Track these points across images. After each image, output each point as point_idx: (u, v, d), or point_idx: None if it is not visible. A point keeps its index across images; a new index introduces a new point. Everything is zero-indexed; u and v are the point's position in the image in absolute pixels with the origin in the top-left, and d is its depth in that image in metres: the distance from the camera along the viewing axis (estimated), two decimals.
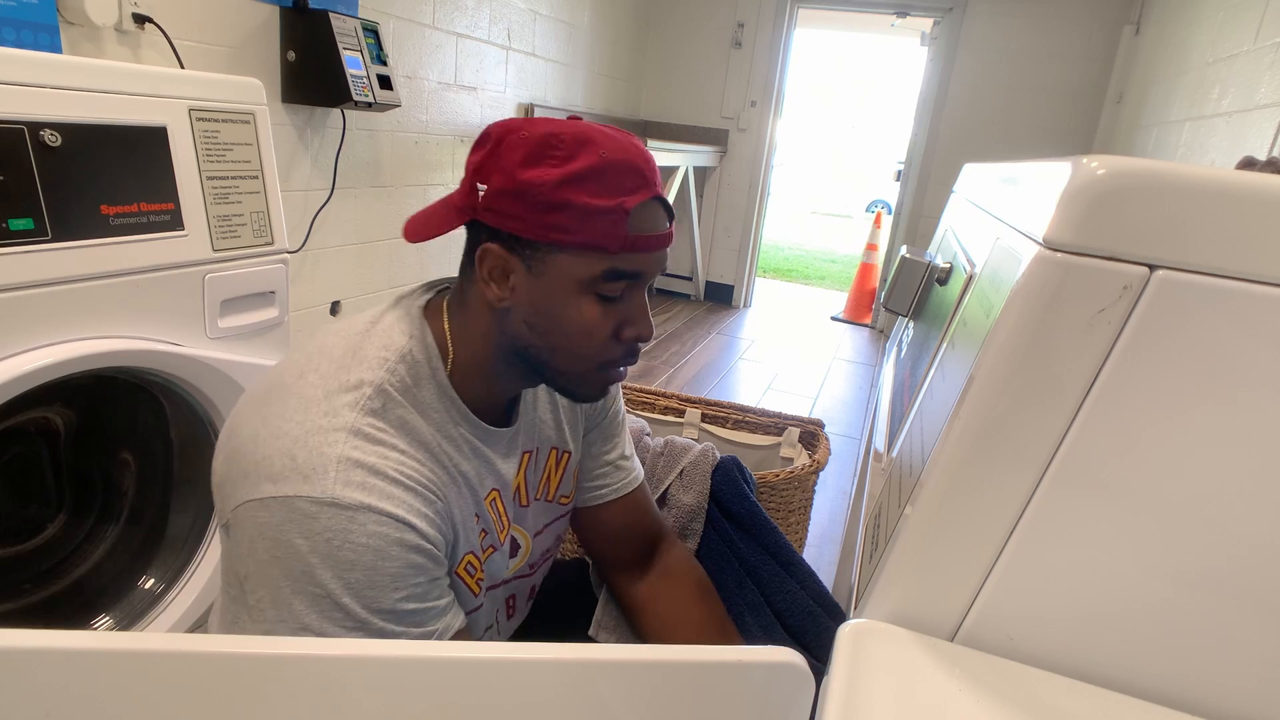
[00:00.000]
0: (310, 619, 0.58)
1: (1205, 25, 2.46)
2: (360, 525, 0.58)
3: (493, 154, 0.64)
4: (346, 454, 0.59)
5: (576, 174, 0.61)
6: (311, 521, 0.57)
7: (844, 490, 2.38)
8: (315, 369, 0.64)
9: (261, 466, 0.59)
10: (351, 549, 0.57)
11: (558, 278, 0.64)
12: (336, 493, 0.57)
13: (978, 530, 0.45)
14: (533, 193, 0.61)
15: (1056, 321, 0.41)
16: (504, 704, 0.44)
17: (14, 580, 1.14)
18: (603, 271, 0.64)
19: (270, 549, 0.58)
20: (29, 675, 0.39)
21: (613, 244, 0.63)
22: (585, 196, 0.61)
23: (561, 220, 0.62)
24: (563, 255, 0.64)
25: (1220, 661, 0.44)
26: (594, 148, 0.62)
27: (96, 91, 0.98)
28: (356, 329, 0.67)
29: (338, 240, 2.29)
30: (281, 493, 0.58)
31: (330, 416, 0.60)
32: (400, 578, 0.59)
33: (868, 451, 0.96)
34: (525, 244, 0.64)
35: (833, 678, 0.43)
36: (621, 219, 0.63)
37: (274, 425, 0.61)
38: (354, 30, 2.00)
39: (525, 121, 0.64)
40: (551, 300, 0.65)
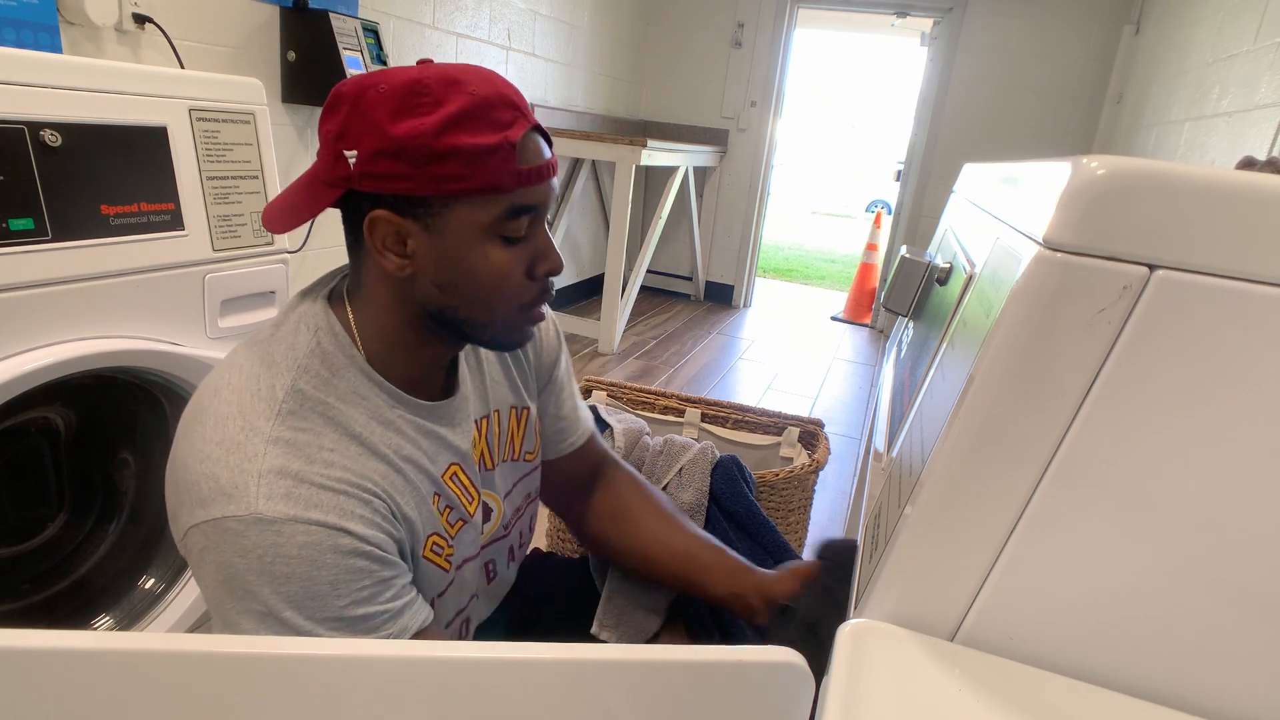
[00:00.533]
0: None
1: (1205, 25, 2.46)
2: (289, 538, 0.56)
3: (353, 115, 0.59)
4: (268, 466, 0.57)
5: (453, 116, 0.58)
6: (241, 539, 0.56)
7: (844, 490, 2.38)
8: (228, 384, 0.61)
9: (191, 492, 0.58)
10: (284, 562, 0.56)
11: (459, 229, 0.61)
12: (260, 508, 0.56)
13: (978, 530, 0.45)
14: (413, 147, 0.58)
15: (1056, 321, 0.41)
16: (504, 704, 0.44)
17: (14, 580, 1.14)
18: (503, 211, 0.61)
19: (213, 572, 0.58)
20: (29, 675, 0.39)
21: (508, 181, 0.60)
22: (469, 138, 0.58)
23: (451, 169, 0.59)
24: (460, 205, 0.61)
25: (1220, 661, 0.44)
26: (462, 86, 0.59)
27: (96, 91, 0.98)
28: (261, 337, 0.65)
29: (338, 240, 2.29)
30: (211, 515, 0.57)
31: (247, 431, 0.59)
32: (340, 584, 0.58)
33: (868, 451, 0.96)
34: (416, 202, 0.60)
35: (833, 678, 0.43)
36: (510, 154, 0.60)
37: (198, 449, 0.59)
38: (354, 30, 2.00)
39: (377, 75, 0.60)
40: (457, 254, 0.62)
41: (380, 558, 0.61)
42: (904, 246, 0.95)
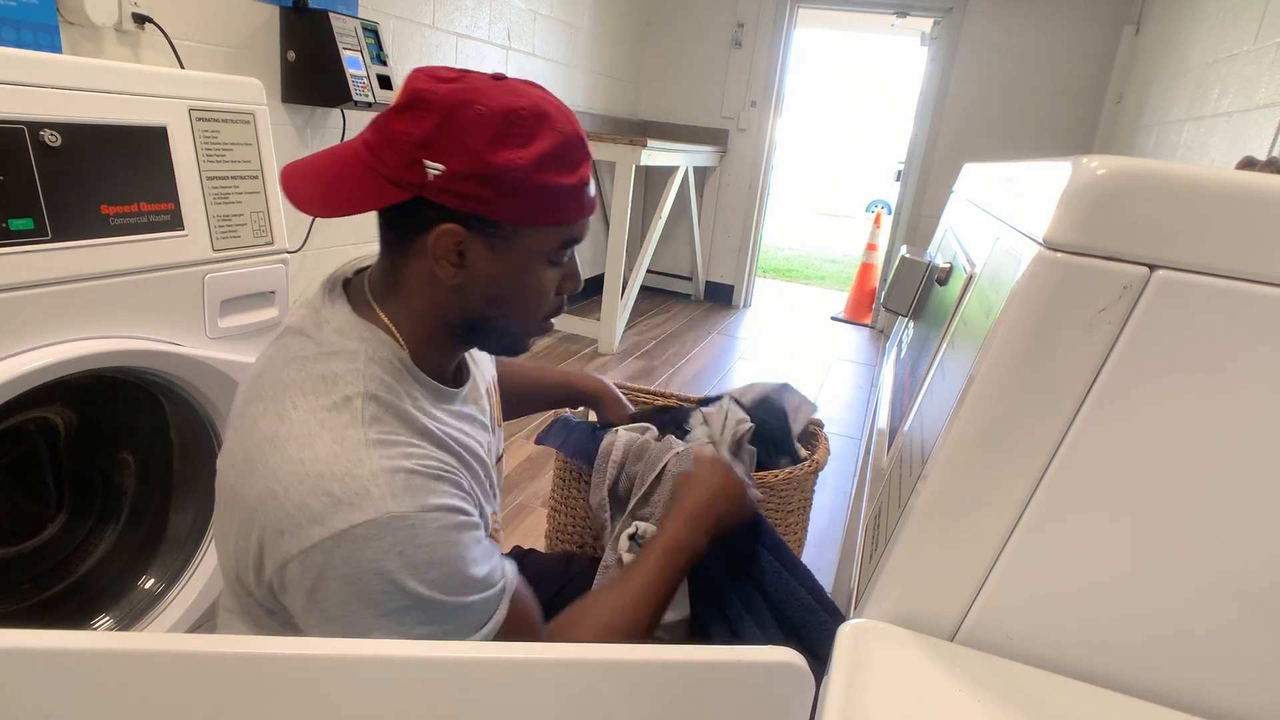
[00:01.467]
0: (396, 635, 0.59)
1: (1205, 25, 2.46)
2: (422, 526, 0.58)
3: (445, 130, 0.60)
4: (380, 467, 0.58)
5: (546, 156, 0.61)
6: (376, 543, 0.56)
7: (844, 490, 2.38)
8: (294, 406, 0.61)
9: (298, 515, 0.57)
10: (423, 550, 0.58)
11: (523, 252, 0.65)
12: (389, 507, 0.57)
13: (978, 530, 0.45)
14: (505, 177, 0.60)
15: (1056, 321, 0.41)
16: (504, 704, 0.44)
17: (14, 580, 1.14)
18: (563, 241, 0.67)
19: (342, 588, 0.57)
20: (29, 675, 0.39)
21: (576, 216, 0.66)
22: (557, 177, 0.62)
23: (536, 202, 0.62)
24: (529, 231, 0.64)
25: (1220, 661, 0.44)
26: (549, 124, 0.62)
27: (96, 91, 0.98)
28: (302, 356, 0.64)
29: (338, 240, 2.29)
30: (333, 530, 0.56)
31: (341, 442, 0.59)
32: (466, 554, 0.61)
33: (868, 451, 0.96)
34: (488, 223, 0.62)
35: (833, 678, 0.42)
36: (583, 191, 0.65)
37: (286, 473, 0.58)
38: (354, 30, 2.00)
39: (469, 90, 0.61)
40: (514, 273, 0.66)
41: (477, 524, 0.64)
42: (904, 246, 0.95)
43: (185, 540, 1.24)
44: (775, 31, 4.19)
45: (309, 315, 0.68)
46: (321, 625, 0.59)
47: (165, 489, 1.24)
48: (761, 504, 1.15)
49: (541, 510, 1.31)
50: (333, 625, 0.59)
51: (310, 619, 0.60)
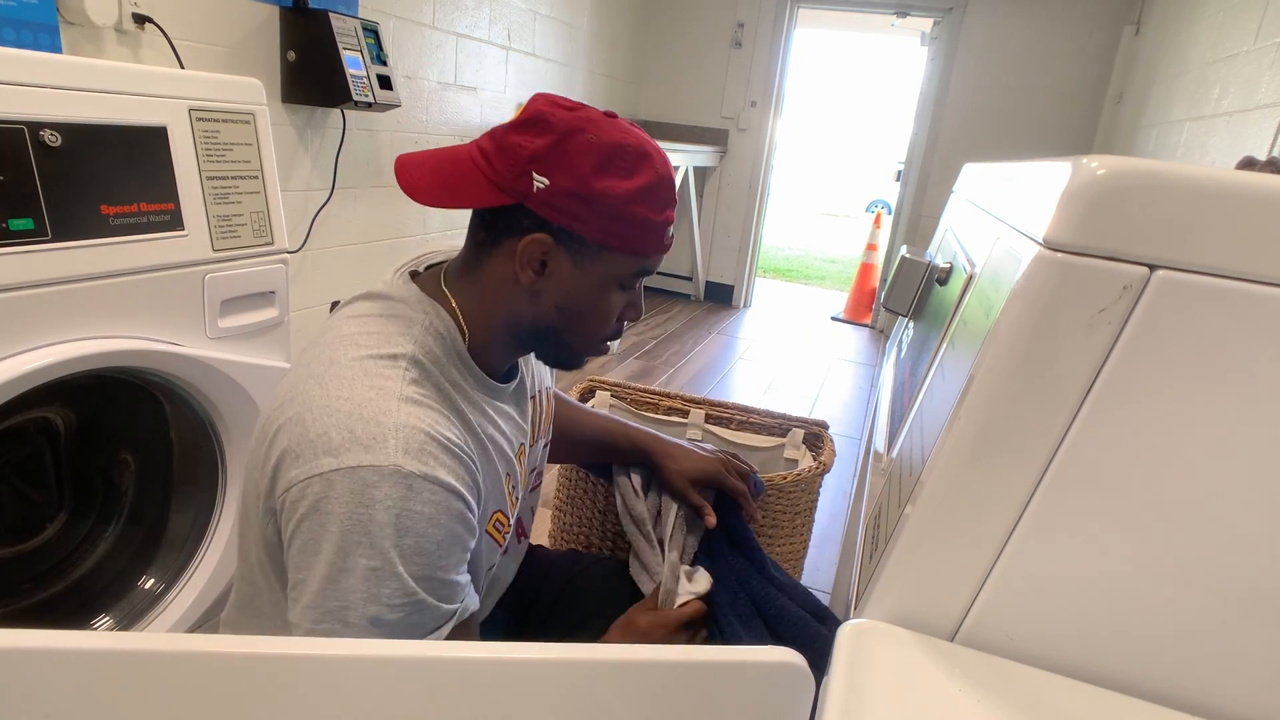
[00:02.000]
0: (355, 598, 0.58)
1: (1205, 25, 2.46)
2: (418, 494, 0.59)
3: (558, 150, 0.66)
4: (403, 421, 0.60)
5: (641, 190, 0.68)
6: (373, 490, 0.58)
7: (844, 490, 2.38)
8: (345, 353, 0.65)
9: (317, 443, 0.60)
10: (409, 517, 0.59)
11: (601, 273, 0.70)
12: (399, 461, 0.59)
13: (978, 530, 0.45)
14: (603, 202, 0.66)
15: (1056, 321, 0.41)
16: (503, 704, 0.44)
17: (14, 580, 1.14)
18: (637, 270, 0.72)
19: (326, 523, 0.58)
20: (29, 675, 0.39)
21: (654, 250, 0.72)
22: (648, 211, 0.69)
23: (625, 230, 0.68)
24: (611, 255, 0.70)
25: (1220, 661, 0.44)
26: (650, 163, 0.69)
27: (96, 91, 0.98)
28: (367, 316, 0.69)
29: (338, 240, 2.29)
30: (343, 464, 0.58)
31: (378, 389, 0.62)
32: (444, 546, 0.61)
33: (868, 451, 0.96)
34: (577, 239, 0.68)
35: (833, 678, 0.42)
36: (665, 230, 0.72)
37: (319, 405, 0.61)
38: (354, 30, 2.00)
39: (584, 120, 0.67)
40: (590, 290, 0.71)
41: (472, 526, 0.65)
42: (904, 246, 0.95)
43: (185, 540, 1.24)
44: (775, 31, 4.19)
45: (379, 287, 0.73)
46: (298, 558, 0.60)
47: (165, 489, 1.24)
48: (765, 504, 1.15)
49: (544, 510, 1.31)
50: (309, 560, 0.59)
51: (292, 548, 0.61)
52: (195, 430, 1.20)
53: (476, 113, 2.84)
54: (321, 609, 0.59)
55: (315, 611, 0.59)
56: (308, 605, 0.59)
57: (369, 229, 2.40)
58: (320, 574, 0.59)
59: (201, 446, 1.21)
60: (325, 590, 0.59)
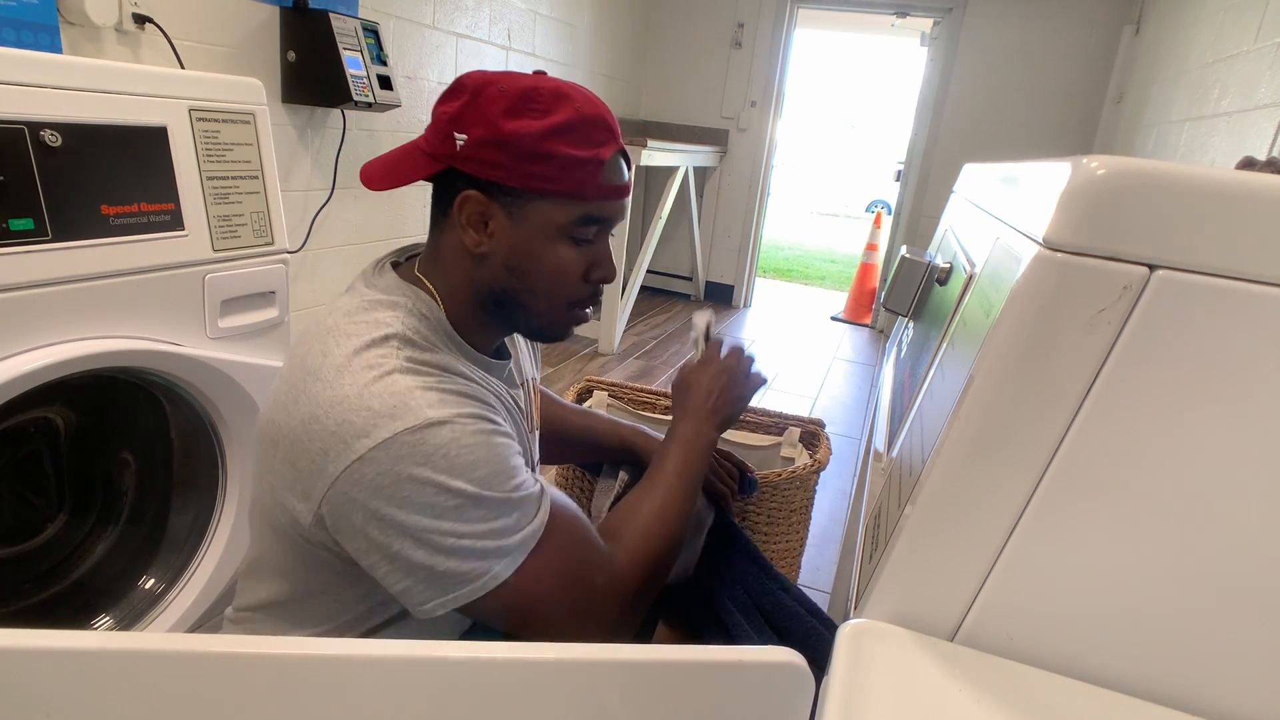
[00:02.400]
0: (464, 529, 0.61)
1: (1205, 25, 2.46)
2: (463, 428, 0.62)
3: (471, 105, 0.67)
4: (411, 385, 0.62)
5: (557, 126, 0.66)
6: (421, 447, 0.60)
7: (844, 490, 2.38)
8: (335, 344, 0.66)
9: (342, 432, 0.61)
10: (468, 450, 0.61)
11: (537, 223, 0.69)
12: (429, 414, 0.61)
13: (978, 530, 0.45)
14: (516, 143, 0.66)
15: (1056, 321, 0.41)
16: (503, 704, 0.44)
17: (14, 580, 1.14)
18: (579, 217, 0.69)
19: (391, 495, 0.60)
20: (30, 675, 0.39)
21: (590, 192, 0.69)
22: (566, 147, 0.66)
23: (544, 170, 0.67)
24: (543, 202, 0.68)
25: (1220, 661, 0.44)
26: (569, 102, 0.67)
27: (96, 91, 0.98)
28: (351, 308, 0.70)
29: (338, 240, 2.29)
30: (378, 440, 0.60)
31: (374, 369, 0.63)
32: (505, 451, 0.65)
33: (868, 451, 0.96)
34: (506, 191, 0.68)
35: (833, 678, 0.42)
36: (598, 169, 0.68)
37: (326, 399, 0.62)
38: (354, 30, 2.00)
39: (498, 75, 0.68)
40: (531, 244, 0.70)
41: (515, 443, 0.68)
42: (904, 246, 0.95)
43: (185, 540, 1.24)
44: (775, 31, 4.19)
45: (359, 280, 0.74)
46: (382, 539, 0.61)
47: (165, 489, 1.24)
48: (761, 501, 1.15)
49: None
50: (389, 538, 0.61)
51: (369, 537, 0.62)
52: (195, 430, 1.20)
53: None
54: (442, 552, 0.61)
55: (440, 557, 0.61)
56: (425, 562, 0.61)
57: (369, 229, 2.39)
58: (415, 536, 0.61)
59: (201, 446, 1.21)
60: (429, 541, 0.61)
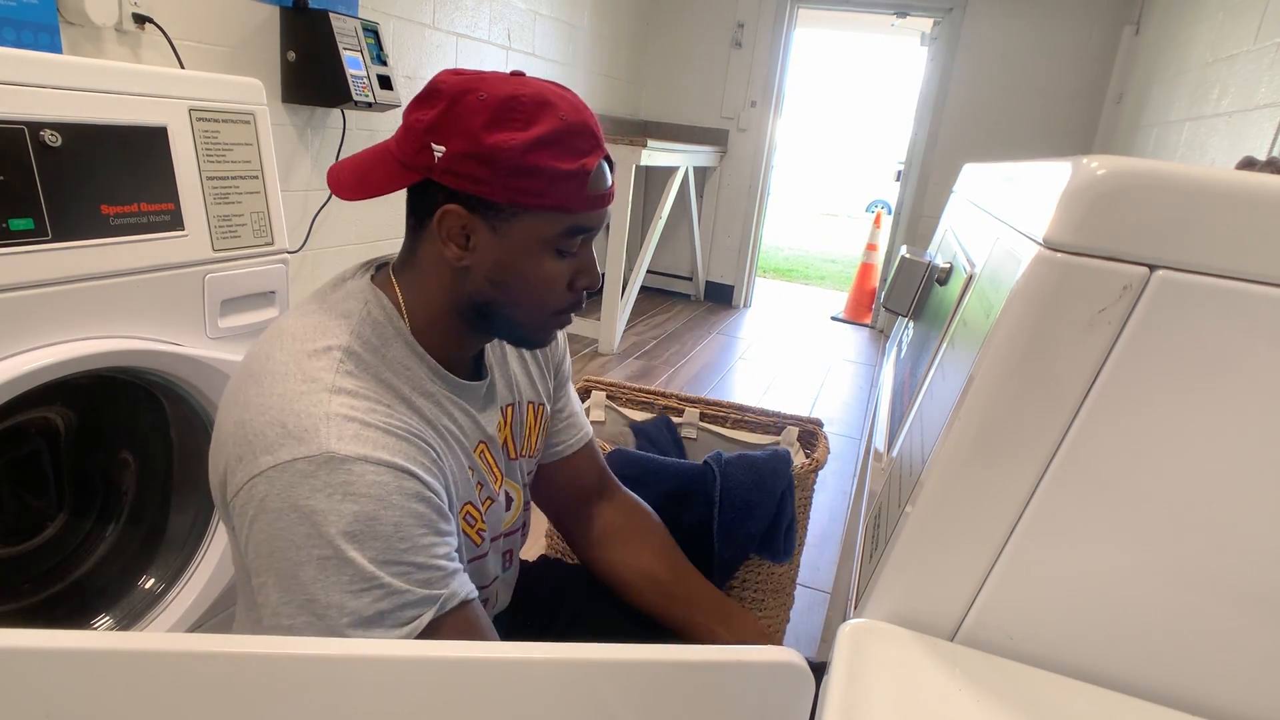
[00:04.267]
0: (316, 589, 0.57)
1: (1205, 25, 2.46)
2: (359, 476, 0.57)
3: (448, 114, 0.63)
4: (334, 410, 0.59)
5: (542, 138, 0.62)
6: (311, 479, 0.57)
7: (844, 490, 2.38)
8: (280, 348, 0.64)
9: (255, 443, 0.59)
10: (353, 500, 0.57)
11: (522, 236, 0.66)
12: (331, 447, 0.57)
13: (978, 530, 0.45)
14: (500, 157, 0.62)
15: (1056, 321, 0.41)
16: (503, 704, 0.44)
17: (14, 580, 1.14)
18: (565, 229, 0.66)
19: (272, 521, 0.57)
20: (29, 675, 0.39)
21: (577, 204, 0.66)
22: (553, 160, 0.63)
23: (530, 184, 0.63)
24: (528, 216, 0.65)
25: (1220, 661, 0.44)
26: (553, 110, 0.63)
27: (96, 91, 0.98)
28: (309, 309, 0.68)
29: (338, 240, 2.29)
30: (279, 460, 0.57)
31: (309, 381, 0.61)
32: (402, 527, 0.59)
33: (868, 451, 0.96)
34: (489, 205, 0.65)
35: (833, 678, 0.42)
36: (584, 181, 0.65)
37: (255, 404, 0.61)
38: (354, 30, 2.00)
39: (475, 79, 0.64)
40: (515, 258, 0.67)
41: (438, 506, 0.62)
42: (904, 246, 0.95)
43: (185, 540, 1.24)
44: (775, 31, 4.19)
45: (332, 281, 0.72)
46: (255, 562, 0.59)
47: (165, 489, 1.24)
48: None
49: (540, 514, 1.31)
50: (265, 562, 0.58)
51: (249, 554, 0.59)
52: (195, 430, 1.20)
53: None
54: (291, 604, 0.58)
55: (287, 608, 0.58)
56: (277, 605, 0.58)
57: (369, 229, 2.39)
58: (278, 572, 0.58)
59: (201, 446, 1.21)
60: (288, 586, 0.57)
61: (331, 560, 0.57)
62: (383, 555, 0.58)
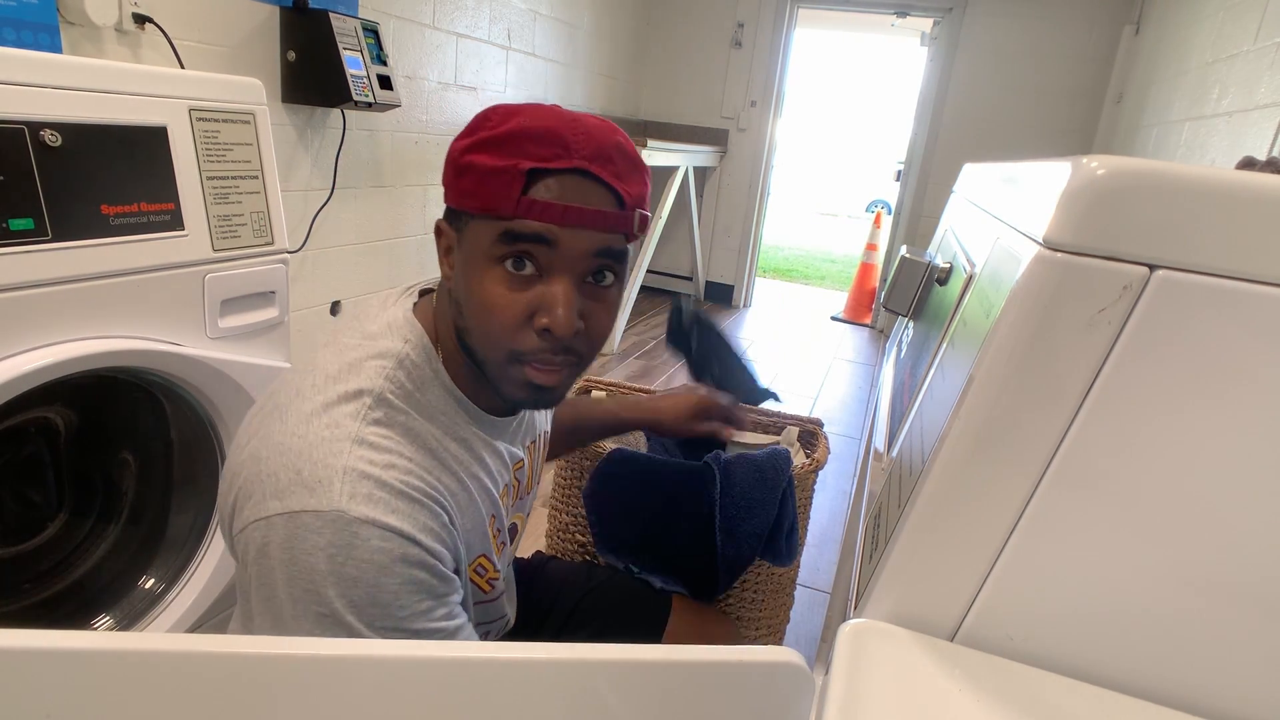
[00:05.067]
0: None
1: (1205, 25, 2.46)
2: (364, 540, 0.56)
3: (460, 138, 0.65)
4: (352, 465, 0.57)
5: (486, 140, 0.60)
6: (316, 536, 0.55)
7: (844, 490, 2.38)
8: (312, 385, 0.62)
9: (266, 484, 0.57)
10: (354, 565, 0.56)
11: (471, 246, 0.62)
12: (343, 505, 0.56)
13: (978, 530, 0.45)
14: (451, 159, 0.63)
15: (1056, 321, 0.41)
16: (503, 704, 0.44)
17: (14, 580, 1.14)
18: (498, 235, 0.60)
19: (276, 569, 0.56)
20: (30, 676, 0.39)
21: (505, 206, 0.59)
22: (485, 157, 0.60)
23: (465, 184, 0.61)
24: (474, 222, 0.61)
25: (1220, 661, 0.44)
26: (518, 118, 0.60)
27: (96, 91, 0.98)
28: (350, 344, 0.66)
29: (338, 240, 2.29)
30: (287, 508, 0.56)
31: (333, 428, 0.59)
32: (402, 595, 0.58)
33: (868, 451, 0.96)
34: (456, 215, 0.64)
35: (833, 678, 0.43)
36: (516, 180, 0.58)
37: (275, 442, 0.59)
38: (354, 30, 2.00)
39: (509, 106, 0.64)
40: (466, 271, 0.63)
41: (440, 573, 0.61)
42: (904, 246, 0.95)
43: (185, 540, 1.24)
44: (775, 31, 4.19)
45: (378, 303, 0.70)
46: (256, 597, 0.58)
47: (165, 489, 1.24)
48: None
49: (543, 510, 1.31)
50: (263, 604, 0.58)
51: (248, 585, 0.59)
52: (195, 430, 1.20)
53: (476, 113, 2.84)
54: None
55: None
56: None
57: (369, 229, 2.39)
58: (275, 617, 0.57)
59: (201, 446, 1.21)
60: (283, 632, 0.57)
61: (328, 619, 0.56)
62: (380, 621, 0.57)
